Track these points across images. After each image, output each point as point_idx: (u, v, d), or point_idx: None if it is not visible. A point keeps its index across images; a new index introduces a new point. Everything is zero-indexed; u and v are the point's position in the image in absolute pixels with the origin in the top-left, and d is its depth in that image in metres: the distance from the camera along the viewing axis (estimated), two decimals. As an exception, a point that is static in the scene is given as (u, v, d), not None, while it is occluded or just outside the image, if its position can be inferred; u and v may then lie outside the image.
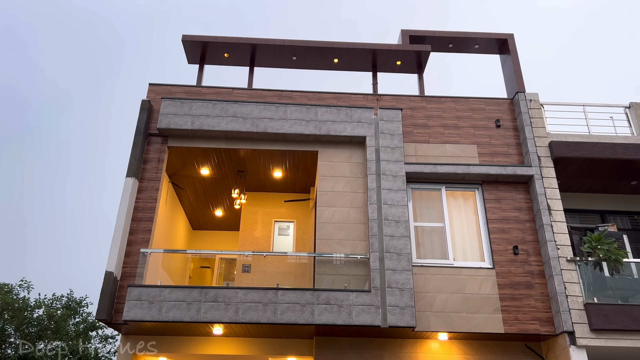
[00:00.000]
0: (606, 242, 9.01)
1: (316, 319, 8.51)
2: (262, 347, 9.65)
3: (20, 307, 12.90)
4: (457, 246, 9.78)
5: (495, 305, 9.02)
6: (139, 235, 9.30)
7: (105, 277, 8.67)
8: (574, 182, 10.74)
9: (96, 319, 8.58)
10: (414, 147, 10.45)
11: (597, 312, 8.52)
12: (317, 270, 9.40)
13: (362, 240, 9.53)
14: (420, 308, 8.96)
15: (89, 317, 14.48)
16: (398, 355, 9.28)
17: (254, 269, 11.36)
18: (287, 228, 12.30)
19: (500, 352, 9.31)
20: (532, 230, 9.71)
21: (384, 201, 9.54)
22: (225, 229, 14.01)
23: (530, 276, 9.29)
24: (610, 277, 9.07)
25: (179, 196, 12.13)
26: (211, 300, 8.55)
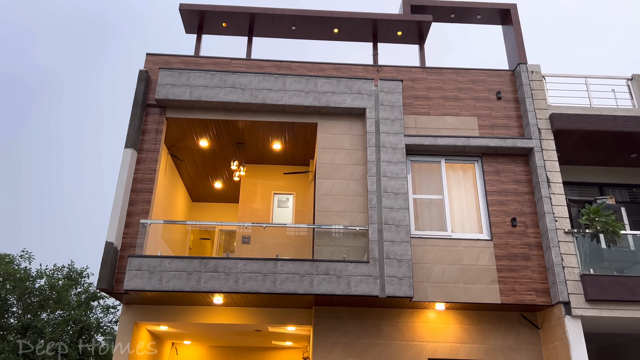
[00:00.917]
0: (604, 214, 9.05)
1: (315, 289, 8.60)
2: (262, 317, 9.79)
3: (22, 277, 13.01)
4: (456, 218, 9.83)
5: (492, 276, 9.12)
6: (138, 206, 9.32)
7: (106, 247, 8.72)
8: (574, 155, 10.72)
9: (97, 289, 8.66)
10: (414, 119, 10.39)
11: (592, 283, 8.61)
12: (316, 241, 9.46)
13: (361, 212, 9.55)
14: (418, 279, 9.05)
15: (90, 287, 14.63)
16: (396, 325, 9.42)
17: (253, 240, 11.42)
18: (286, 200, 12.32)
19: (496, 322, 9.46)
20: (531, 202, 9.74)
21: (383, 173, 9.54)
22: (225, 201, 14.04)
23: (528, 248, 9.36)
24: (607, 249, 9.15)
25: (178, 168, 12.11)
26: (211, 271, 8.62)
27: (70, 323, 12.70)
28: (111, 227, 8.91)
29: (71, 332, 12.57)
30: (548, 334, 9.09)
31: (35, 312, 13.14)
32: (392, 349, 9.21)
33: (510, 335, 9.36)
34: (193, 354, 12.76)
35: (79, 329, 12.71)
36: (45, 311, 13.24)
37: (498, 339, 9.33)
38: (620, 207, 10.06)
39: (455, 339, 9.36)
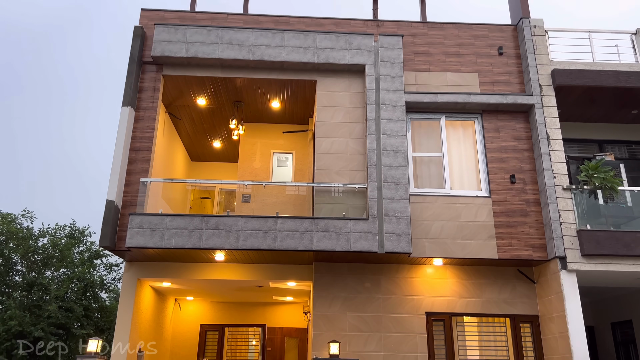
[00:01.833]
0: (603, 170, 9.08)
1: (315, 246, 8.72)
2: (263, 273, 9.96)
3: (25, 236, 13.16)
4: (455, 175, 9.86)
5: (490, 233, 9.23)
6: (137, 164, 9.32)
7: (107, 205, 8.78)
8: (574, 112, 10.66)
9: (100, 246, 8.77)
10: (415, 76, 10.26)
11: (589, 238, 8.73)
12: (316, 200, 9.51)
13: (360, 170, 9.57)
14: (417, 235, 9.17)
15: (92, 245, 14.81)
16: (394, 280, 9.60)
17: (253, 199, 11.48)
18: (285, 160, 12.32)
19: (493, 277, 9.64)
20: (530, 159, 9.75)
21: (382, 131, 9.50)
22: (224, 160, 14.03)
23: (526, 204, 9.44)
24: (604, 205, 9.23)
25: (177, 127, 12.04)
26: (212, 228, 8.71)
27: (75, 280, 12.92)
28: (111, 185, 8.94)
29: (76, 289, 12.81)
30: (543, 288, 9.29)
31: (39, 270, 13.35)
32: (390, 303, 9.42)
33: (507, 290, 9.56)
34: (196, 309, 13.05)
35: (83, 286, 12.95)
36: (49, 269, 13.46)
37: (494, 293, 9.54)
38: (619, 164, 10.08)
39: (453, 293, 9.56)
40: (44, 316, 11.58)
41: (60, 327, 11.91)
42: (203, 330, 12.90)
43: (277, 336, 13.02)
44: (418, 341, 9.17)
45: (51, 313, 11.55)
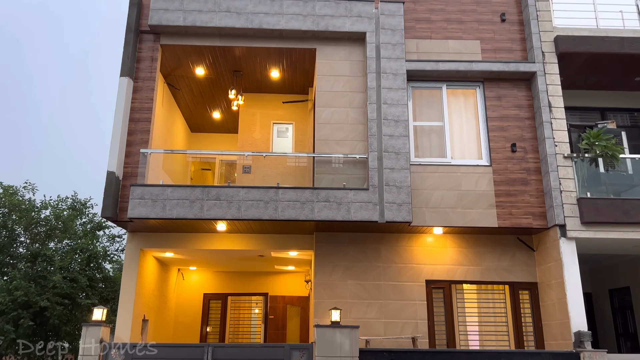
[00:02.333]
0: (604, 138, 9.05)
1: (316, 216, 8.76)
2: (264, 243, 10.05)
3: (27, 208, 13.23)
4: (456, 145, 9.83)
5: (490, 201, 9.26)
6: (137, 135, 9.29)
7: (108, 176, 8.79)
8: (577, 79, 10.54)
9: (102, 217, 8.82)
10: (416, 44, 10.12)
11: (589, 206, 8.77)
12: (317, 170, 9.52)
13: (361, 140, 9.54)
14: (417, 205, 9.20)
15: (95, 217, 14.90)
16: (394, 249, 9.69)
17: (254, 171, 11.48)
18: (285, 130, 12.26)
19: (492, 245, 9.73)
20: (531, 127, 9.70)
21: (383, 100, 9.43)
22: (224, 131, 13.97)
23: (527, 173, 9.44)
24: (605, 173, 9.23)
25: (176, 98, 11.95)
26: (213, 199, 8.74)
27: (78, 251, 13.05)
28: (111, 156, 8.93)
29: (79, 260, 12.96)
30: (543, 256, 9.38)
31: (43, 241, 13.47)
32: (390, 271, 9.53)
33: (506, 257, 9.66)
34: (199, 279, 13.23)
35: (86, 257, 13.09)
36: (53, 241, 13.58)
37: (494, 261, 9.64)
38: (620, 132, 10.03)
39: (452, 261, 9.66)
40: (49, 286, 11.76)
41: (65, 297, 12.09)
42: (206, 299, 13.10)
43: (280, 304, 13.22)
44: (418, 308, 9.31)
45: (56, 283, 11.71)
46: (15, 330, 11.23)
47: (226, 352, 7.44)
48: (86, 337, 7.28)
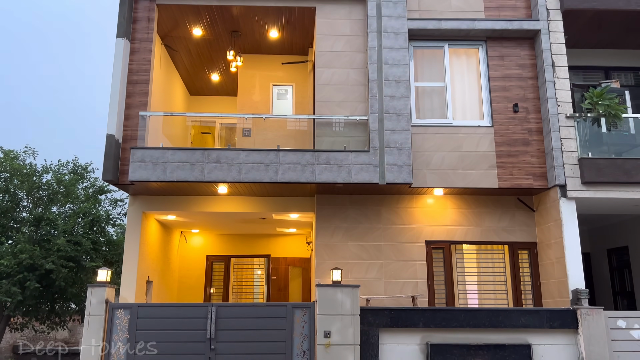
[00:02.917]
0: (607, 97, 8.95)
1: (317, 178, 8.78)
2: (265, 205, 10.10)
3: (29, 172, 13.22)
4: (457, 105, 9.74)
5: (491, 162, 9.25)
6: (136, 98, 9.21)
7: (107, 139, 8.77)
8: (582, 38, 10.34)
9: (103, 180, 8.84)
10: (417, 2, 9.88)
11: (590, 165, 8.75)
12: (317, 133, 9.46)
13: (361, 101, 9.45)
14: (418, 166, 9.19)
15: (96, 181, 14.92)
16: (395, 210, 9.75)
17: (254, 134, 11.42)
18: (285, 93, 12.13)
19: (492, 206, 9.77)
20: (534, 87, 9.58)
21: (384, 61, 9.29)
22: (223, 94, 13.83)
23: (528, 133, 9.38)
24: (607, 133, 9.18)
25: (174, 60, 11.78)
26: (214, 162, 8.74)
27: (81, 215, 13.13)
28: (110, 119, 8.87)
29: (83, 224, 13.05)
30: (542, 216, 9.43)
31: (45, 205, 13.53)
32: (391, 233, 9.62)
33: (506, 218, 9.72)
34: (202, 241, 13.37)
35: (89, 221, 13.18)
36: (55, 205, 13.65)
37: (494, 222, 9.70)
38: (624, 91, 9.92)
39: (452, 222, 9.73)
40: (54, 250, 11.88)
41: (70, 260, 12.24)
42: (209, 261, 13.28)
43: (282, 266, 13.41)
44: (418, 268, 9.44)
45: (60, 247, 11.83)
46: (22, 292, 11.42)
47: (230, 311, 7.59)
48: (91, 297, 7.41)
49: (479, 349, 7.51)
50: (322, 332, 7.39)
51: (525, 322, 7.64)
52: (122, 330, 7.39)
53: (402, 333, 7.61)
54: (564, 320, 7.68)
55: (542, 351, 7.58)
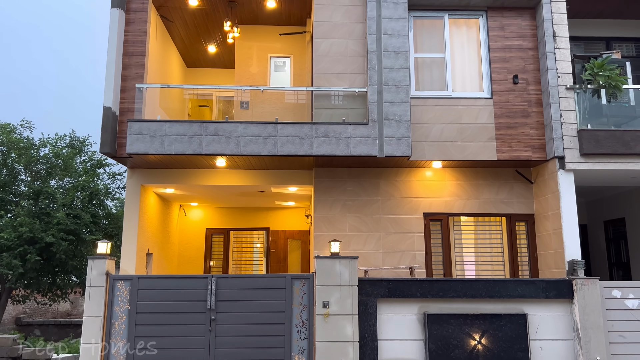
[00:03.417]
0: (608, 68, 8.87)
1: (315, 151, 8.75)
2: (264, 178, 10.11)
3: (26, 146, 13.18)
4: (457, 77, 9.66)
5: (490, 134, 9.22)
6: (132, 70, 9.10)
7: (104, 112, 8.70)
8: (584, 7, 10.18)
9: (100, 152, 8.81)
10: (417, -30, 9.68)
11: (589, 137, 8.74)
12: (315, 105, 9.40)
13: (360, 73, 9.36)
14: (416, 138, 9.16)
15: (94, 155, 14.89)
16: (393, 183, 9.76)
17: (252, 106, 11.33)
18: (283, 64, 12.00)
19: (491, 178, 9.79)
20: (534, 58, 9.49)
21: (383, 31, 9.16)
22: (220, 66, 13.67)
23: (528, 105, 9.33)
24: (607, 104, 9.13)
25: (170, 31, 11.60)
26: (212, 134, 8.70)
27: (79, 189, 13.14)
28: (107, 91, 8.79)
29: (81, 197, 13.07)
30: (540, 188, 9.46)
31: (44, 179, 13.54)
32: (389, 205, 9.65)
33: (504, 190, 9.75)
34: (201, 215, 13.42)
35: (88, 194, 13.20)
36: (54, 178, 13.64)
37: (492, 194, 9.73)
38: (625, 62, 9.82)
39: (451, 194, 9.76)
40: (53, 223, 11.92)
41: (69, 233, 12.30)
42: (209, 234, 13.35)
43: (281, 238, 13.50)
44: (416, 240, 9.51)
45: (60, 220, 11.87)
46: (22, 265, 11.51)
47: (230, 282, 7.67)
48: (92, 269, 7.47)
49: (475, 318, 7.63)
50: (320, 303, 7.48)
51: (521, 292, 7.74)
52: (123, 302, 7.48)
53: (399, 303, 7.71)
54: (559, 290, 7.78)
55: (538, 320, 7.71)
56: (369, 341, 7.50)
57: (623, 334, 7.70)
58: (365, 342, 7.49)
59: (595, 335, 7.54)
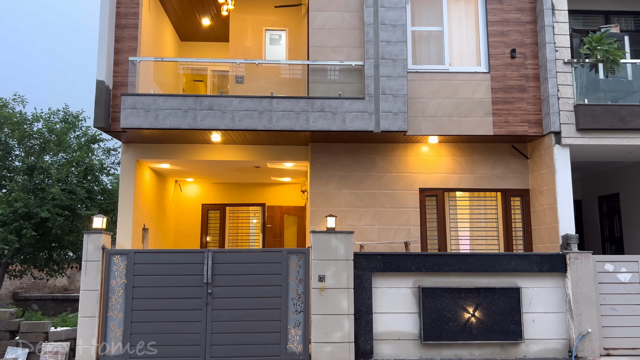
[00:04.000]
0: (606, 42, 8.79)
1: (311, 126, 8.70)
2: (260, 153, 10.07)
3: (19, 120, 13.03)
4: (454, 51, 9.56)
5: (486, 109, 9.18)
6: (125, 43, 8.96)
7: (97, 85, 8.59)
8: (584, -20, 10.05)
9: (94, 127, 8.74)
10: (415, -59, 9.49)
11: (585, 112, 8.71)
12: (311, 79, 9.30)
13: (357, 47, 9.24)
14: (413, 113, 9.12)
15: (88, 130, 14.74)
16: (389, 158, 9.75)
17: (247, 81, 11.21)
18: (278, 38, 11.83)
19: (487, 154, 9.79)
20: (533, 32, 9.39)
21: (380, 3, 9.02)
22: (215, 39, 13.47)
23: (525, 80, 9.27)
24: (604, 79, 9.08)
25: (163, 4, 11.37)
26: (207, 109, 8.62)
27: (74, 164, 13.04)
28: (100, 64, 8.66)
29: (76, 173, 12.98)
30: (536, 163, 9.47)
31: (38, 154, 13.43)
32: (385, 180, 9.66)
33: (500, 165, 9.76)
34: (197, 190, 13.40)
35: (83, 170, 13.10)
36: (48, 154, 13.53)
37: (487, 169, 9.75)
38: (623, 36, 9.75)
39: (446, 170, 9.77)
40: (48, 198, 11.86)
41: (65, 209, 12.26)
42: (205, 210, 13.37)
43: (277, 214, 13.53)
44: (411, 215, 9.54)
45: (55, 195, 11.81)
46: (18, 240, 11.50)
47: (226, 256, 7.70)
48: (88, 243, 7.47)
49: (469, 292, 7.71)
50: (316, 277, 7.54)
51: (515, 266, 7.82)
52: (119, 276, 7.50)
53: (394, 277, 7.77)
54: (553, 264, 7.86)
55: (531, 294, 7.80)
56: (364, 314, 7.59)
57: (615, 307, 7.82)
58: (360, 315, 7.58)
59: (587, 308, 7.65)
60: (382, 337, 7.61)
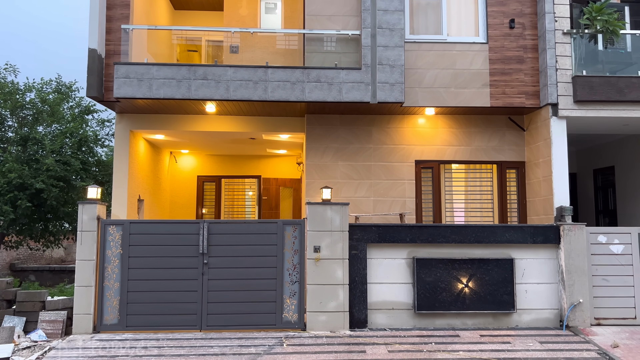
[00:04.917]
0: (606, 12, 8.66)
1: (307, 96, 8.61)
2: (255, 125, 9.99)
3: (11, 90, 12.84)
4: (452, 21, 9.42)
5: (484, 80, 9.10)
6: (117, 10, 8.77)
7: (90, 54, 8.44)
8: (586, -52, 9.83)
9: (87, 96, 8.62)
10: None
11: (583, 84, 8.64)
12: (307, 49, 9.16)
13: (353, 15, 9.08)
14: (410, 84, 9.03)
15: (82, 101, 14.56)
16: (385, 130, 9.70)
17: (242, 51, 11.03)
18: (274, 7, 11.61)
19: (483, 126, 9.74)
20: (532, 2, 9.23)
21: (378, -29, 8.82)
22: (209, 8, 13.18)
23: (523, 50, 9.16)
24: (603, 50, 8.98)
25: (155, -30, 11.11)
26: (201, 78, 8.51)
27: (68, 135, 12.93)
28: (92, 32, 8.49)
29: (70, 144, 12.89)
30: (532, 135, 9.45)
31: (31, 125, 13.30)
32: (381, 152, 9.63)
33: (496, 138, 9.73)
34: (192, 162, 13.35)
35: (77, 141, 13.01)
36: (41, 125, 13.40)
37: (484, 141, 9.72)
38: (624, 7, 9.60)
39: (443, 142, 9.73)
40: (43, 169, 11.80)
41: (60, 180, 12.21)
42: (200, 181, 13.34)
43: (273, 186, 13.53)
44: (407, 187, 9.55)
45: (49, 166, 11.74)
46: (14, 211, 11.47)
47: (222, 227, 7.70)
48: (83, 214, 7.45)
49: (463, 263, 7.78)
50: (312, 247, 7.57)
51: (509, 237, 7.87)
52: (115, 246, 7.51)
53: (389, 248, 7.82)
54: (546, 235, 7.91)
55: (524, 265, 7.88)
56: (359, 284, 7.66)
57: (606, 278, 7.91)
58: (355, 285, 7.65)
59: (579, 278, 7.74)
60: (377, 306, 7.70)
